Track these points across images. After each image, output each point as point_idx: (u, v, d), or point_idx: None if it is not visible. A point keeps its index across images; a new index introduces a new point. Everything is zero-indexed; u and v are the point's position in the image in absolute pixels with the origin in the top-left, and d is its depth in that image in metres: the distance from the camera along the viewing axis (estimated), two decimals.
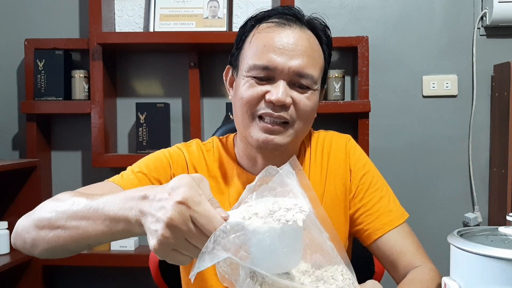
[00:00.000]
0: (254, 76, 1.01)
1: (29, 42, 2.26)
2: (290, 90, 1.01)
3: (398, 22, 2.37)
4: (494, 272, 0.68)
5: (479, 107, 2.35)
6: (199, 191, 0.67)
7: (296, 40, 1.01)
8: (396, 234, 1.09)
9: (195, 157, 1.11)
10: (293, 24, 1.04)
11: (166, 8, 2.30)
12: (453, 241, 0.75)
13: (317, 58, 1.04)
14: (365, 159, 1.19)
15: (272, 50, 1.00)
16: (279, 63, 0.99)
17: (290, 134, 1.02)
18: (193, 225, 0.66)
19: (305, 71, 1.00)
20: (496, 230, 0.80)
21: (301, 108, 1.01)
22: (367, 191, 1.13)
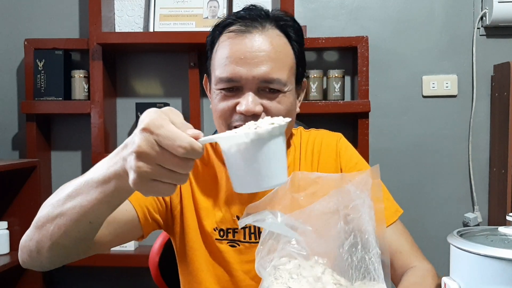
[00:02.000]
0: (222, 89, 1.00)
1: (29, 42, 2.26)
2: (260, 97, 0.99)
3: (398, 22, 2.37)
4: (494, 272, 0.68)
5: (479, 107, 2.35)
6: (162, 115, 0.68)
7: (257, 47, 0.98)
8: (390, 233, 1.07)
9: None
10: (253, 29, 1.00)
11: (166, 8, 2.30)
12: (453, 241, 0.75)
13: (283, 58, 1.01)
14: (356, 158, 1.18)
15: (234, 61, 0.98)
16: (242, 74, 0.97)
17: None
18: (160, 148, 0.66)
19: (270, 76, 0.98)
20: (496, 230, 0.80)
21: (273, 113, 0.99)
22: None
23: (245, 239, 1.06)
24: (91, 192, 0.76)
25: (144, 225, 1.04)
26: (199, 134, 0.68)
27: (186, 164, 0.67)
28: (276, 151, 0.68)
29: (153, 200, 1.05)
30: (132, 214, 1.01)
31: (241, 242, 1.06)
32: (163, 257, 1.36)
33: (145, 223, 1.04)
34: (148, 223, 1.05)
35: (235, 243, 1.06)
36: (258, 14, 1.03)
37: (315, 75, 2.25)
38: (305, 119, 2.12)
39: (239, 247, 1.06)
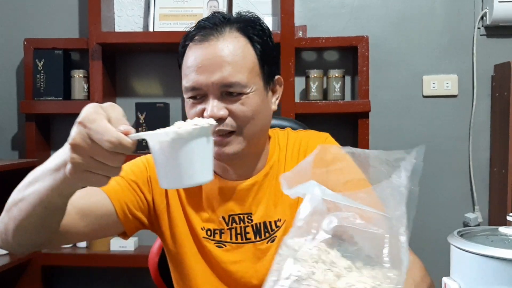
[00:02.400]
0: (189, 97, 1.04)
1: (29, 42, 2.25)
2: (224, 102, 1.02)
3: (398, 22, 2.36)
4: (494, 272, 0.68)
5: (479, 107, 2.34)
6: (98, 110, 0.71)
7: (213, 54, 1.02)
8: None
9: None
10: (211, 36, 1.04)
11: (165, 7, 2.30)
12: (453, 241, 0.75)
13: (241, 61, 1.03)
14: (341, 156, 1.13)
15: (193, 70, 1.02)
16: (202, 81, 1.01)
17: (241, 141, 1.04)
18: (91, 142, 0.70)
19: (228, 80, 1.01)
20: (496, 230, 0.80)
21: (239, 115, 1.02)
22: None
23: (232, 239, 1.08)
24: (46, 179, 0.80)
25: (125, 221, 1.07)
26: (129, 130, 0.71)
27: (115, 157, 0.71)
28: (197, 151, 0.72)
29: (133, 197, 1.08)
30: (109, 208, 1.05)
31: (228, 242, 1.08)
32: (163, 258, 1.35)
33: (125, 220, 1.07)
34: (129, 219, 1.08)
35: (222, 243, 1.09)
36: (216, 21, 1.06)
37: (315, 75, 2.24)
38: (305, 119, 2.12)
39: (226, 247, 1.08)
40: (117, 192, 1.06)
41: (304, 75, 2.29)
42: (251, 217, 1.08)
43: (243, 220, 1.08)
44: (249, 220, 1.08)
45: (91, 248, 2.28)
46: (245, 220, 1.08)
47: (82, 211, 1.01)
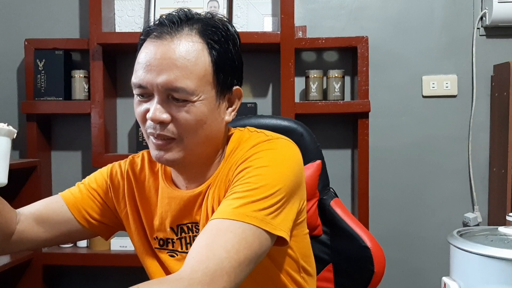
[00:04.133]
0: (137, 94, 1.00)
1: (29, 42, 2.26)
2: (168, 105, 0.96)
3: (398, 22, 2.37)
4: (494, 271, 0.69)
5: (479, 107, 2.35)
6: None
7: (162, 54, 0.96)
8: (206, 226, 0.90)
9: (136, 168, 1.14)
10: (165, 35, 0.97)
11: (166, 8, 2.31)
12: (453, 241, 0.76)
13: (192, 66, 0.96)
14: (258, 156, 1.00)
15: (142, 68, 0.98)
16: (148, 81, 0.96)
17: (181, 149, 0.98)
18: None
19: (174, 85, 0.94)
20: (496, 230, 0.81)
21: (181, 123, 0.96)
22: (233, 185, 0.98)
23: (182, 249, 1.07)
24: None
25: (90, 227, 1.13)
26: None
27: None
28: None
29: (93, 204, 1.13)
30: (67, 215, 1.11)
31: (179, 252, 1.08)
32: None
33: (90, 225, 1.13)
34: (94, 225, 1.13)
35: (174, 253, 1.08)
36: (175, 19, 1.00)
37: (315, 75, 2.25)
38: (305, 119, 2.13)
39: (177, 256, 1.08)
40: (76, 200, 1.12)
41: (304, 76, 2.29)
42: (198, 226, 1.04)
43: (191, 229, 1.05)
44: (196, 229, 1.05)
45: (91, 248, 2.28)
46: (193, 230, 1.05)
47: (39, 218, 1.11)
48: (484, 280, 0.70)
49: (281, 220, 0.92)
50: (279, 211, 0.92)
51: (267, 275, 1.05)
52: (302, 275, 1.11)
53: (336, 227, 1.35)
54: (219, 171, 1.04)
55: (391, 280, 2.33)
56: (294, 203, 0.97)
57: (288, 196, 0.95)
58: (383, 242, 1.46)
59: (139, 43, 1.05)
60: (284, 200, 0.94)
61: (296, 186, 0.98)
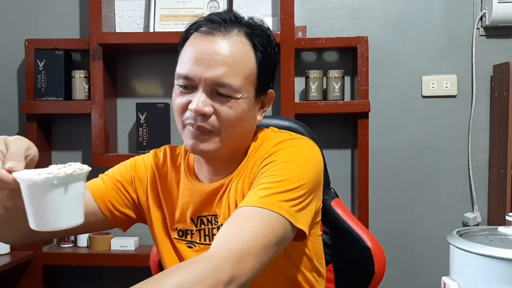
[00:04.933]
0: (180, 85, 1.03)
1: (30, 42, 2.26)
2: (212, 99, 1.01)
3: (398, 22, 2.37)
4: (493, 271, 0.69)
5: (478, 107, 2.35)
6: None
7: (214, 50, 1.00)
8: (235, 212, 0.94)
9: (157, 163, 1.18)
10: (217, 32, 1.02)
11: (166, 8, 2.31)
12: (453, 241, 0.76)
13: (240, 65, 1.01)
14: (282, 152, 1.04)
15: (192, 60, 1.01)
16: (196, 74, 1.00)
17: (216, 142, 1.03)
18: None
19: (222, 80, 0.99)
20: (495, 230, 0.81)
21: (223, 117, 1.01)
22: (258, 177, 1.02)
23: (201, 240, 1.10)
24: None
25: (113, 218, 1.14)
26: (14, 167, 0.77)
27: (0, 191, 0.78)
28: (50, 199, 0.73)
29: (117, 196, 1.15)
30: (93, 206, 1.12)
31: (197, 243, 1.11)
32: None
33: (113, 216, 1.14)
34: (116, 216, 1.15)
35: (192, 244, 1.11)
36: (227, 18, 1.06)
37: (315, 75, 2.25)
38: (305, 119, 2.13)
39: (195, 248, 1.11)
40: (101, 191, 1.14)
41: (304, 76, 2.30)
42: (217, 219, 1.08)
43: (211, 221, 1.09)
44: (215, 221, 1.08)
45: (92, 248, 2.28)
46: (212, 222, 1.09)
47: None
48: (484, 280, 0.70)
49: (303, 215, 0.96)
50: (302, 205, 0.96)
51: (283, 271, 1.08)
52: (313, 274, 1.14)
53: (336, 227, 1.35)
54: (242, 166, 1.08)
55: (391, 280, 2.33)
56: (313, 201, 1.01)
57: (309, 193, 0.99)
58: (383, 242, 1.46)
59: (185, 35, 1.08)
60: (306, 196, 0.98)
61: (317, 185, 1.03)
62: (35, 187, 0.72)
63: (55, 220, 0.75)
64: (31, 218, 0.75)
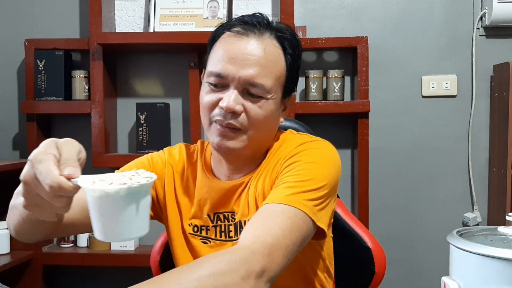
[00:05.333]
0: (211, 83, 1.05)
1: (30, 42, 2.26)
2: (243, 98, 1.04)
3: (398, 22, 2.37)
4: (493, 271, 0.69)
5: (478, 107, 2.35)
6: (48, 150, 0.73)
7: (249, 50, 1.04)
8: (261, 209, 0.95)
9: (174, 159, 1.19)
10: (252, 33, 1.06)
11: (166, 8, 2.31)
12: (453, 241, 0.76)
13: (272, 67, 1.05)
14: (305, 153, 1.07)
15: (226, 59, 1.03)
16: (230, 72, 1.02)
17: (243, 140, 1.05)
18: (37, 181, 0.72)
19: (255, 80, 1.02)
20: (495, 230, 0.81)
21: (252, 116, 1.04)
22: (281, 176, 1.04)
23: (216, 236, 1.12)
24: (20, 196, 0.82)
25: None
26: (71, 174, 0.72)
27: (58, 199, 0.73)
28: (125, 209, 0.71)
29: None
30: None
31: (212, 239, 1.12)
32: (164, 256, 1.36)
33: None
34: None
35: (207, 240, 1.13)
36: (259, 21, 1.09)
37: (315, 75, 2.25)
38: (305, 119, 2.13)
39: (210, 244, 1.12)
40: None
41: (304, 76, 2.29)
42: (234, 216, 1.10)
43: (227, 218, 1.11)
44: (232, 218, 1.10)
45: (92, 248, 2.28)
46: (229, 219, 1.10)
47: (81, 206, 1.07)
48: (483, 280, 0.70)
49: (323, 214, 0.99)
50: (323, 205, 0.99)
51: (299, 270, 1.10)
52: (325, 275, 1.16)
53: (337, 227, 1.35)
54: (263, 165, 1.11)
55: (391, 280, 2.33)
56: (332, 202, 1.04)
57: (330, 194, 1.02)
58: (383, 242, 1.46)
59: (216, 34, 1.10)
60: (327, 196, 1.01)
61: (336, 187, 1.06)
62: (107, 197, 0.69)
63: (127, 231, 0.72)
64: (99, 228, 0.72)
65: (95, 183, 0.70)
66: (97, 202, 0.70)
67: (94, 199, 0.70)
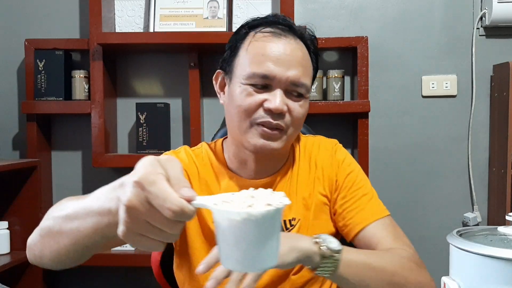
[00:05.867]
0: (252, 84, 1.04)
1: (30, 42, 2.26)
2: (286, 98, 1.05)
3: (398, 22, 2.37)
4: (493, 271, 0.69)
5: (478, 107, 2.35)
6: (157, 169, 0.64)
7: (292, 51, 1.05)
8: (375, 227, 1.12)
9: (185, 163, 1.15)
10: (288, 34, 1.08)
11: (166, 8, 2.31)
12: (453, 241, 0.76)
13: (309, 67, 1.09)
14: (350, 160, 1.23)
15: (270, 60, 1.03)
16: (277, 73, 1.03)
17: (284, 139, 1.07)
18: (149, 206, 0.63)
19: (300, 80, 1.05)
20: (495, 230, 0.81)
21: (295, 115, 1.06)
22: (350, 189, 1.17)
23: None
24: (87, 219, 0.76)
25: None
26: (192, 196, 0.64)
27: (175, 225, 0.64)
28: (268, 233, 0.64)
29: None
30: None
31: None
32: (165, 256, 1.36)
33: None
34: None
35: None
36: (290, 22, 1.11)
37: None
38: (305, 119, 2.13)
39: None
40: None
41: None
42: None
43: None
44: None
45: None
46: None
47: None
48: (483, 280, 0.70)
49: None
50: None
51: None
52: None
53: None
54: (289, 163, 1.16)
55: None
56: None
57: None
58: None
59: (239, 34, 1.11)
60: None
61: None
62: (252, 221, 0.61)
63: (268, 257, 0.65)
64: (235, 257, 0.64)
65: (218, 205, 0.63)
66: (239, 227, 0.62)
67: (234, 223, 0.62)
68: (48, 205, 2.33)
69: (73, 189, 2.39)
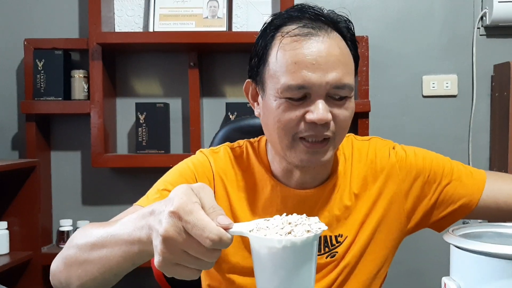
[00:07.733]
0: (290, 97, 0.92)
1: (29, 42, 2.25)
2: (328, 105, 0.92)
3: (398, 22, 2.37)
4: (494, 271, 0.68)
5: (479, 107, 2.35)
6: (193, 198, 0.64)
7: (327, 51, 0.91)
8: (492, 184, 1.14)
9: (222, 166, 1.05)
10: (319, 30, 0.92)
11: (165, 8, 2.30)
12: (453, 241, 0.75)
13: (350, 62, 0.95)
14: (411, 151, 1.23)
15: (304, 67, 0.90)
16: (315, 81, 0.90)
17: (331, 149, 0.97)
18: (187, 235, 0.63)
19: (342, 82, 0.91)
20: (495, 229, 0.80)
21: (341, 121, 0.95)
22: (436, 175, 1.19)
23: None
24: (116, 248, 0.75)
25: None
26: (229, 224, 0.64)
27: (212, 253, 0.64)
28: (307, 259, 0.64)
29: None
30: None
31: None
32: None
33: None
34: None
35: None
36: (318, 13, 0.96)
37: None
38: None
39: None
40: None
41: None
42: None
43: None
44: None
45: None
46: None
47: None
48: (484, 279, 0.69)
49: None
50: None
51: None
52: None
53: None
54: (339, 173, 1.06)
55: (391, 280, 2.32)
56: None
57: None
58: None
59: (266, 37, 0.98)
60: None
61: None
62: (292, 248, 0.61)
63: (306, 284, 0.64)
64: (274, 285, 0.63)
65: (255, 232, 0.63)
66: (279, 254, 0.62)
67: (274, 251, 0.62)
68: (48, 205, 2.33)
69: (72, 189, 2.39)
